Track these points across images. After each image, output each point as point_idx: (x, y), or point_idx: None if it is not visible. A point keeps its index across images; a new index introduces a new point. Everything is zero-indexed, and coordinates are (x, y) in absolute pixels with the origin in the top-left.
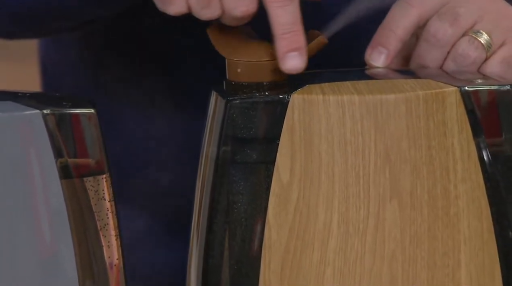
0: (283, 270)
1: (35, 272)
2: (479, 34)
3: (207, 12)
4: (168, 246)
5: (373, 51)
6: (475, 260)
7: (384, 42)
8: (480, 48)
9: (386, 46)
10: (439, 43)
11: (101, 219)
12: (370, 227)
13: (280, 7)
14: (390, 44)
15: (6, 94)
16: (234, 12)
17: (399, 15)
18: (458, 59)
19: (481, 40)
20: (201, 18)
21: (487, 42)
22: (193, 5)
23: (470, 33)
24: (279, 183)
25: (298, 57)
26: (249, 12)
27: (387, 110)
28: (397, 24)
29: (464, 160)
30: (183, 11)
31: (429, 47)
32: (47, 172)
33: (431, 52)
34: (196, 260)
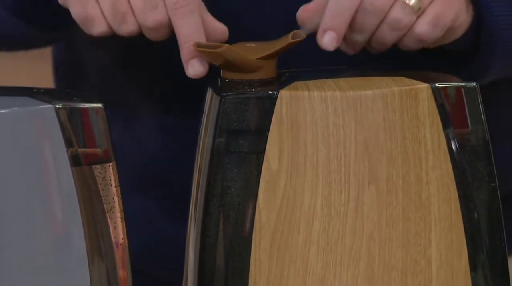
0: (272, 248)
1: (49, 250)
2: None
3: (124, 27)
4: (168, 227)
5: (324, 35)
6: (444, 239)
7: (334, 27)
8: (411, 12)
9: (336, 31)
10: (376, 11)
11: (108, 203)
12: (351, 210)
13: (181, 19)
14: (339, 28)
15: (22, 90)
16: (146, 23)
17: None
18: (392, 24)
19: (411, 4)
20: (122, 35)
21: (417, 4)
22: (111, 23)
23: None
24: (268, 170)
25: (197, 63)
26: (159, 21)
27: (365, 105)
28: (344, 7)
29: (435, 149)
30: (105, 31)
31: (367, 14)
32: (59, 160)
33: (369, 18)
34: (193, 239)
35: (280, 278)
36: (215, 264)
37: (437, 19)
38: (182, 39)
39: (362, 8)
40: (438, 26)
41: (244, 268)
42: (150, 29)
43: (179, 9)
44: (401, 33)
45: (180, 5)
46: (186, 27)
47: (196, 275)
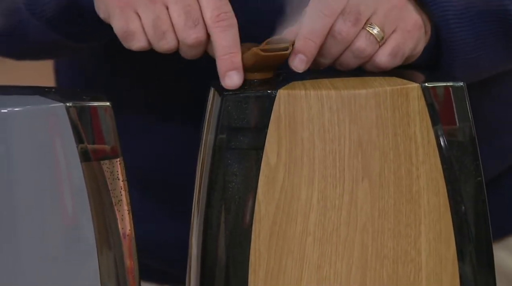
0: (270, 239)
1: (60, 240)
2: (372, 28)
3: (164, 44)
4: (167, 223)
5: (295, 59)
6: (433, 230)
7: (304, 51)
8: (373, 42)
9: (306, 54)
10: (343, 40)
11: (116, 196)
12: (345, 203)
13: (221, 31)
14: (310, 52)
15: (34, 89)
16: (187, 41)
17: (315, 24)
18: (356, 52)
19: (374, 33)
20: (160, 51)
21: (379, 34)
22: (151, 39)
23: (366, 28)
24: (267, 165)
25: (236, 75)
26: (199, 39)
27: (359, 103)
28: (315, 33)
29: (425, 145)
30: (144, 46)
31: (334, 42)
32: (69, 155)
33: (335, 46)
34: (196, 231)
35: (278, 267)
36: (217, 254)
37: (397, 50)
38: (221, 51)
39: (330, 36)
40: (397, 56)
41: (244, 257)
42: (189, 47)
43: (220, 21)
44: (363, 60)
45: (222, 18)
46: (226, 39)
47: (199, 265)
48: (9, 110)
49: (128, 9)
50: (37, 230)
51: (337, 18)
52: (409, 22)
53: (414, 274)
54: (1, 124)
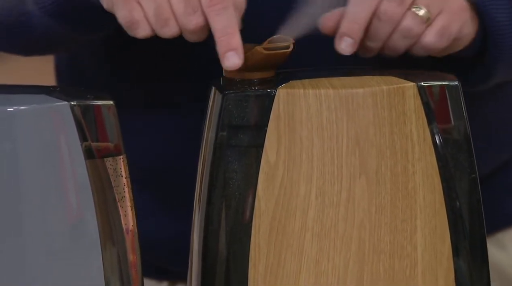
0: (270, 235)
1: (65, 236)
2: (419, 9)
3: (167, 31)
4: (172, 218)
5: (341, 41)
6: (429, 225)
7: (350, 33)
8: (420, 22)
9: (352, 36)
10: (389, 21)
11: (119, 192)
12: (343, 199)
13: (216, 15)
14: (355, 34)
15: (40, 88)
16: (188, 26)
17: (360, 6)
18: (403, 32)
19: (421, 14)
20: (164, 37)
21: (425, 15)
22: (154, 27)
23: (412, 8)
24: (267, 162)
25: (234, 55)
26: (199, 25)
27: (357, 102)
28: (359, 15)
29: (420, 143)
30: (148, 33)
31: (381, 24)
32: (74, 153)
33: (382, 27)
34: (198, 227)
35: (277, 261)
36: (218, 249)
37: (444, 30)
38: (218, 34)
39: (376, 17)
40: (444, 36)
41: (245, 252)
42: (190, 32)
43: (214, 5)
44: (411, 41)
45: (215, 2)
46: (221, 22)
47: (200, 260)
48: (15, 109)
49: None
50: (42, 225)
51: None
52: (454, 4)
53: (410, 269)
54: (8, 122)
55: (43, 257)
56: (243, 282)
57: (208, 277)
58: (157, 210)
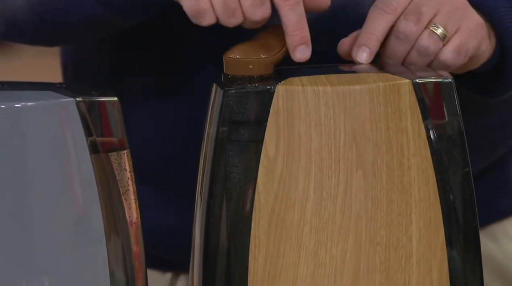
0: (270, 227)
1: (71, 228)
2: (436, 28)
3: (232, 21)
4: (175, 211)
5: (359, 50)
6: (423, 218)
7: (367, 43)
8: (437, 40)
9: (369, 46)
10: (406, 39)
11: (123, 186)
12: (340, 192)
13: (290, 9)
14: (372, 44)
15: (47, 85)
16: (254, 18)
17: (377, 20)
18: (420, 50)
19: (438, 33)
20: (228, 26)
21: (442, 34)
22: (220, 16)
23: (430, 27)
24: (266, 157)
25: (306, 49)
26: (265, 15)
27: (354, 98)
28: (377, 28)
29: (415, 138)
30: (213, 22)
31: (398, 42)
32: (79, 148)
33: (400, 46)
34: (199, 219)
35: (277, 253)
36: (219, 241)
37: (461, 48)
38: (291, 28)
39: (394, 36)
40: (461, 54)
41: (245, 244)
42: (255, 23)
43: (287, 1)
44: (429, 59)
45: None
46: (294, 17)
47: (201, 251)
48: (23, 105)
49: None
50: (49, 218)
51: (399, 18)
52: (471, 22)
53: (405, 260)
54: (15, 118)
55: (49, 248)
56: (244, 273)
57: (209, 268)
58: (160, 203)
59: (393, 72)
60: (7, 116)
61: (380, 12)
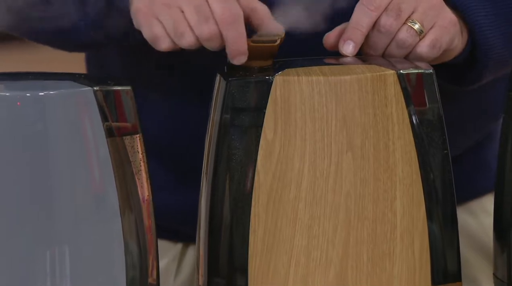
0: (268, 204)
1: (89, 204)
2: (414, 24)
3: (185, 42)
4: (183, 188)
5: (345, 44)
6: (406, 195)
7: (353, 37)
8: (414, 35)
9: (354, 40)
10: (387, 33)
11: (136, 167)
12: (332, 172)
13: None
14: (357, 38)
15: (67, 75)
16: (202, 36)
17: (362, 16)
18: (399, 43)
19: (415, 28)
20: (184, 47)
21: (419, 29)
22: (174, 39)
23: (408, 23)
24: (265, 140)
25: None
26: (212, 33)
27: (344, 87)
28: (361, 23)
29: (400, 123)
30: (170, 46)
31: (380, 35)
32: (96, 132)
33: (381, 39)
34: (205, 196)
35: (274, 226)
36: (222, 215)
37: (435, 42)
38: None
39: (376, 29)
40: (435, 48)
41: (246, 219)
42: (206, 40)
43: (224, 20)
44: (406, 51)
45: (224, 16)
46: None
47: (207, 226)
48: (46, 94)
49: (151, 17)
50: (69, 195)
51: (381, 14)
52: (445, 19)
53: (390, 232)
54: (39, 105)
55: (70, 222)
56: (245, 244)
57: (214, 240)
58: (170, 181)
59: (379, 64)
60: (32, 104)
61: (364, 9)
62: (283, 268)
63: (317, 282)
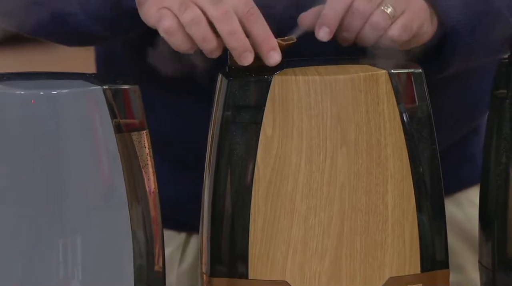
0: (267, 196)
1: (99, 195)
2: (387, 7)
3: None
4: (187, 182)
5: (320, 30)
6: (397, 188)
7: (327, 23)
8: (387, 18)
9: (329, 26)
10: (361, 15)
11: (143, 161)
12: (327, 166)
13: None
14: (332, 24)
15: (79, 75)
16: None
17: (337, 2)
18: (373, 25)
19: (388, 11)
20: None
21: (392, 13)
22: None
23: (381, 6)
24: (264, 136)
25: (276, 54)
26: (204, 35)
27: (338, 86)
28: (335, 9)
29: (391, 120)
30: (174, 24)
31: (354, 18)
32: (106, 128)
33: (355, 21)
34: (208, 189)
35: (273, 217)
36: (224, 207)
37: (406, 26)
38: (259, 39)
39: (350, 12)
40: (406, 31)
41: (246, 210)
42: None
43: (251, 16)
44: (379, 33)
45: (251, 12)
46: (261, 29)
47: (209, 216)
48: (58, 92)
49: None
50: (80, 188)
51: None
52: (416, 5)
53: (382, 223)
54: (52, 103)
55: (82, 213)
56: (245, 234)
57: (216, 230)
58: (175, 175)
59: (372, 64)
60: (46, 102)
61: None
62: (281, 256)
63: (313, 269)
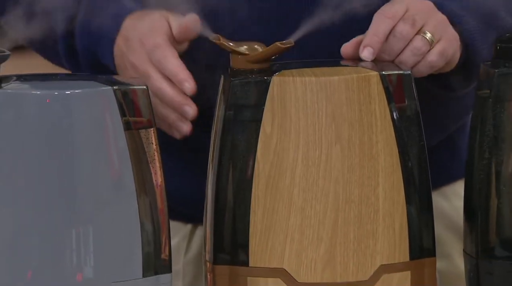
0: (267, 189)
1: (109, 188)
2: (426, 34)
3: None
4: (192, 176)
5: (364, 50)
6: (388, 181)
7: (371, 44)
8: (427, 43)
9: (373, 46)
10: (403, 38)
11: (150, 156)
12: (322, 161)
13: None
14: (375, 45)
15: (91, 76)
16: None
17: (380, 24)
18: (414, 51)
19: (427, 37)
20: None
21: (430, 39)
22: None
23: (421, 33)
24: (264, 133)
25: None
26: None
27: (333, 87)
28: (379, 31)
29: (382, 118)
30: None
31: (396, 41)
32: (116, 126)
33: (397, 44)
34: (211, 183)
35: (272, 209)
36: (226, 200)
37: (443, 52)
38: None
39: (392, 35)
40: (443, 57)
41: (247, 202)
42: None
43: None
44: (419, 58)
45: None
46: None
47: (213, 208)
48: (71, 92)
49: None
50: (92, 181)
51: (398, 22)
52: (450, 34)
53: (374, 214)
54: (65, 102)
55: (93, 205)
56: (246, 224)
57: (219, 221)
58: (181, 170)
59: (364, 67)
60: (59, 101)
61: (382, 18)
62: (279, 245)
63: (309, 257)
